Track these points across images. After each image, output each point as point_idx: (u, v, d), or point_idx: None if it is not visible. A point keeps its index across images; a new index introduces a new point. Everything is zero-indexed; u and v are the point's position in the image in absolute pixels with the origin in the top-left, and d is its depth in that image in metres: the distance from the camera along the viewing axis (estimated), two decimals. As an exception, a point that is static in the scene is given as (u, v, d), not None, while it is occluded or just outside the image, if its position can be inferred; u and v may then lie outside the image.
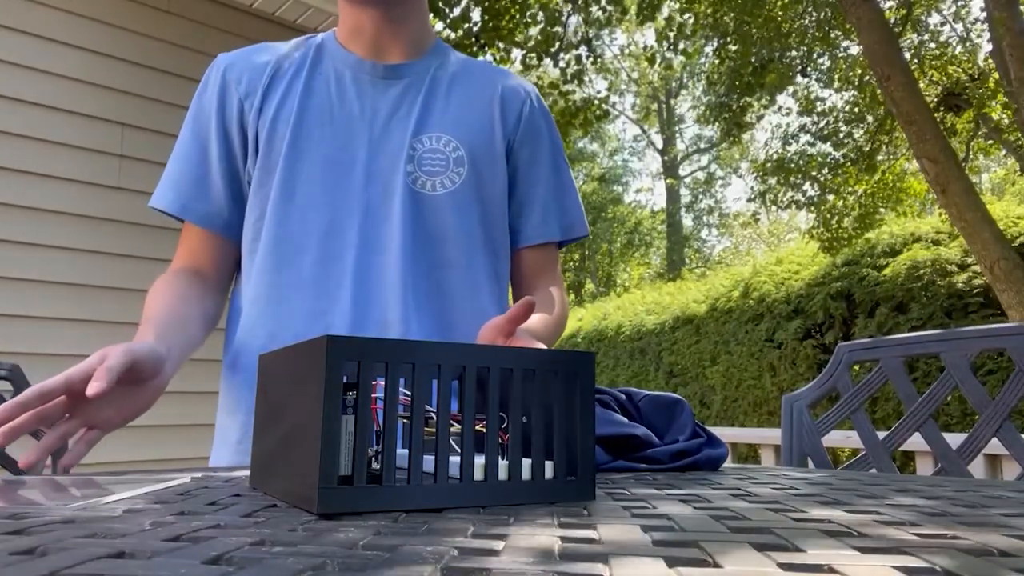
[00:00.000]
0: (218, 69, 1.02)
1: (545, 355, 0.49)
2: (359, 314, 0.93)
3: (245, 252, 0.99)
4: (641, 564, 0.28)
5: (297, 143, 0.96)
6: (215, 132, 0.99)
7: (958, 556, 0.30)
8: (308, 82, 1.00)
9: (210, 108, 1.00)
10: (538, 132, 1.09)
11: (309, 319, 0.93)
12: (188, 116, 1.02)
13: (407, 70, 1.03)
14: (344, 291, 0.93)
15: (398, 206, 0.96)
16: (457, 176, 0.99)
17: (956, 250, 6.13)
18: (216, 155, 0.99)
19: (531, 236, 1.09)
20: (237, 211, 1.00)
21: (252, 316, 0.96)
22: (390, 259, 0.95)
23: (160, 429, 2.90)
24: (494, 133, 1.04)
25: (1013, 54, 6.15)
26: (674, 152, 25.09)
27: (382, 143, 0.98)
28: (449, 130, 1.01)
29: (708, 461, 0.77)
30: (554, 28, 7.73)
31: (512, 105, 1.07)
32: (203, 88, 1.02)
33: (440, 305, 0.97)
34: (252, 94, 0.99)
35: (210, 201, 0.99)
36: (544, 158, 1.09)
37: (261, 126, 0.98)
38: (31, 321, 2.69)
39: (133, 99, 3.02)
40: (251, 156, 0.99)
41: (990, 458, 2.61)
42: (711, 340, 7.92)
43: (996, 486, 0.60)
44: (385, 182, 0.97)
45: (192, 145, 1.00)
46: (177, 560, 0.29)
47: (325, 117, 0.98)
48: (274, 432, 0.52)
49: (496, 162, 1.04)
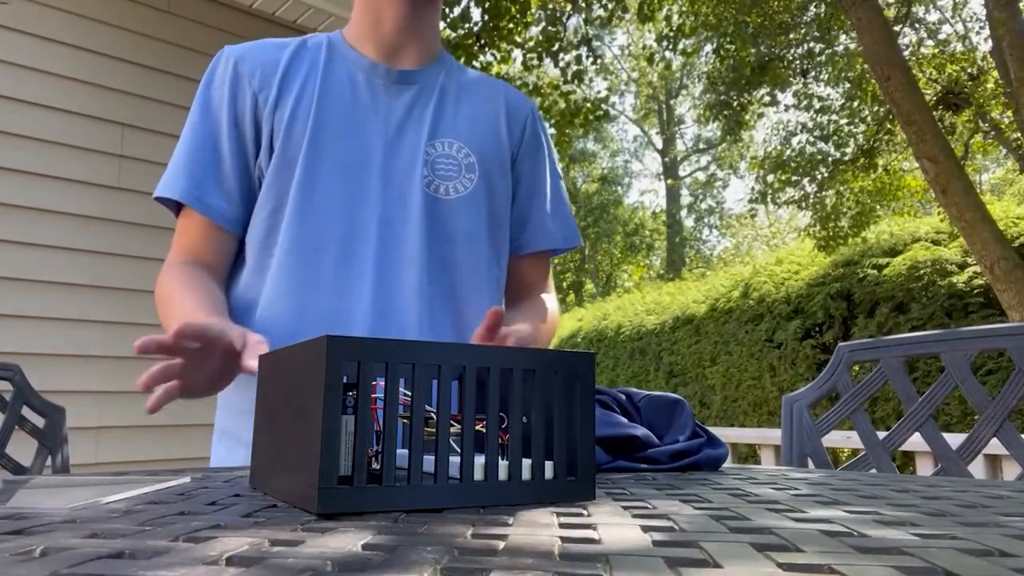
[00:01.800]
0: (228, 60, 1.01)
1: (545, 355, 0.49)
2: (379, 314, 0.94)
3: (256, 248, 0.98)
4: (641, 564, 0.28)
5: (316, 141, 0.97)
6: (226, 124, 0.98)
7: (958, 556, 0.30)
8: (324, 82, 1.00)
9: (221, 99, 0.99)
10: (540, 146, 1.13)
11: (330, 318, 0.94)
12: (196, 106, 1.01)
13: (418, 76, 1.05)
14: (365, 291, 0.94)
15: (415, 208, 0.98)
16: (469, 182, 1.02)
17: (956, 250, 6.13)
18: (227, 148, 0.98)
19: (531, 244, 1.13)
20: (244, 205, 1.00)
21: (271, 314, 0.95)
22: (409, 260, 0.96)
23: (160, 429, 2.90)
24: (501, 143, 1.08)
25: (1013, 54, 6.16)
26: (674, 152, 25.09)
27: (397, 146, 1.00)
28: (461, 137, 1.03)
29: (708, 461, 0.77)
30: (554, 28, 7.72)
31: (517, 118, 1.11)
32: (211, 78, 1.01)
33: (453, 305, 0.99)
34: (266, 88, 0.99)
35: (221, 193, 0.98)
36: (544, 171, 1.13)
37: (278, 122, 0.97)
38: (31, 321, 2.69)
39: (133, 99, 3.02)
40: (264, 151, 0.98)
41: (990, 458, 2.61)
42: (711, 340, 7.92)
43: (996, 486, 0.60)
44: (401, 184, 0.98)
45: (203, 136, 0.99)
46: (177, 560, 0.29)
47: (342, 117, 0.99)
48: (274, 432, 0.52)
49: (503, 171, 1.07)
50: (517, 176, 1.11)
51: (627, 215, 25.45)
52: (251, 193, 1.00)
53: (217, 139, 0.99)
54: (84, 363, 2.78)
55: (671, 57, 10.24)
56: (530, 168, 1.11)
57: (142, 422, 2.86)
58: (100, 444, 2.76)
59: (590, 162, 26.42)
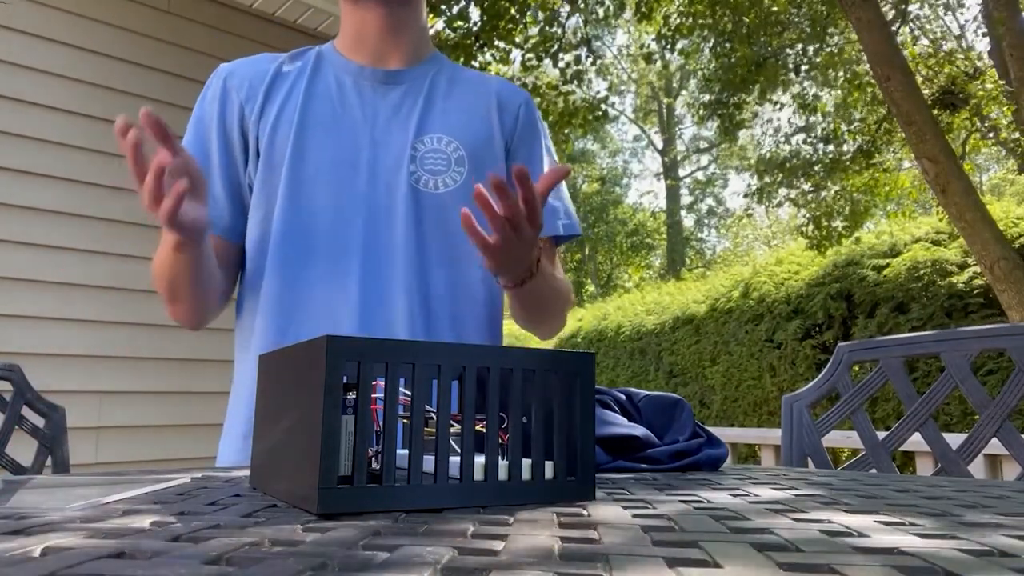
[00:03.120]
0: (219, 77, 1.05)
1: (545, 355, 0.49)
2: (367, 310, 0.95)
3: (252, 252, 1.01)
4: (641, 564, 0.28)
5: (300, 144, 0.99)
6: (216, 137, 1.02)
7: (958, 556, 0.30)
8: (309, 87, 1.03)
9: (211, 114, 1.03)
10: (535, 134, 1.13)
11: (319, 317, 0.95)
12: (189, 124, 1.05)
13: (406, 76, 1.06)
14: (352, 288, 0.95)
15: (401, 204, 0.99)
16: (458, 175, 1.02)
17: (956, 250, 6.12)
18: (217, 160, 1.02)
19: None
20: (238, 214, 1.03)
21: (266, 316, 0.97)
22: (395, 256, 0.97)
23: (160, 429, 2.90)
24: (493, 135, 1.08)
25: (1013, 54, 6.16)
26: (674, 152, 25.09)
27: (384, 143, 1.01)
28: (450, 131, 1.04)
29: (708, 461, 0.77)
30: (553, 28, 7.71)
31: (509, 108, 1.11)
32: (203, 96, 1.05)
33: (442, 300, 1.00)
34: (253, 99, 1.02)
35: (212, 204, 1.00)
36: (540, 159, 1.13)
37: (262, 129, 1.01)
38: (30, 321, 2.69)
39: (133, 99, 3.02)
40: (252, 160, 1.02)
41: (990, 458, 2.61)
42: (711, 340, 7.92)
43: (996, 486, 0.60)
44: (388, 181, 1.00)
45: (193, 151, 1.02)
46: (177, 560, 0.29)
47: (327, 120, 1.01)
48: (274, 432, 0.52)
49: (495, 162, 1.07)
50: (513, 165, 1.10)
51: (627, 215, 25.45)
52: (244, 202, 1.03)
53: (207, 151, 1.02)
54: (84, 363, 2.77)
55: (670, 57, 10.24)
56: (526, 156, 1.11)
57: (142, 422, 2.86)
58: (100, 444, 2.76)
59: (590, 162, 26.41)
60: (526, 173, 0.73)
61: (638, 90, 24.93)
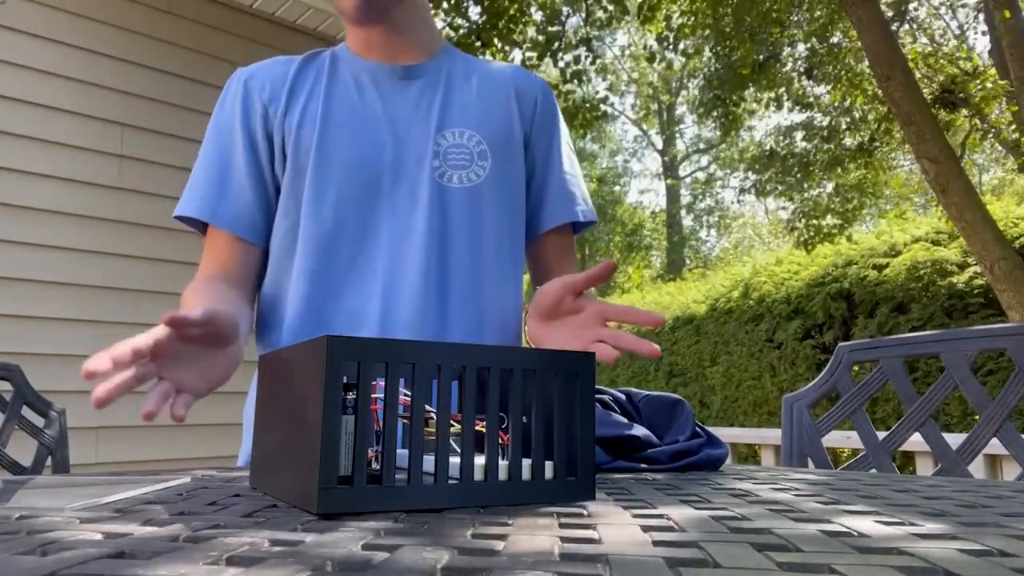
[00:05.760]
0: (239, 80, 1.05)
1: (545, 355, 0.49)
2: (390, 310, 0.95)
3: (279, 254, 1.01)
4: (641, 564, 0.28)
5: (324, 145, 0.99)
6: (240, 139, 1.01)
7: (958, 556, 0.30)
8: (329, 87, 1.03)
9: (233, 117, 1.02)
10: (553, 122, 1.13)
11: (347, 318, 0.96)
12: (209, 126, 1.04)
13: (422, 70, 1.06)
14: (376, 288, 0.96)
15: (425, 200, 0.98)
16: (481, 170, 1.02)
17: (956, 250, 6.12)
18: (242, 161, 1.01)
19: (551, 219, 1.11)
20: (264, 215, 1.02)
21: (295, 317, 0.97)
22: (419, 253, 0.97)
23: (160, 429, 2.90)
24: (513, 126, 1.07)
25: (1013, 54, 6.15)
26: (674, 152, 25.08)
27: (406, 140, 1.01)
28: (471, 124, 1.04)
29: (708, 461, 0.77)
30: (553, 28, 7.71)
31: (527, 98, 1.10)
32: (223, 99, 1.05)
33: (469, 295, 1.00)
34: (276, 100, 1.02)
35: (235, 205, 1.00)
36: (559, 147, 1.13)
37: (287, 131, 1.00)
38: (30, 321, 2.69)
39: (133, 99, 3.02)
40: (279, 160, 1.01)
41: (990, 458, 2.61)
42: (711, 340, 7.92)
43: (996, 486, 0.60)
44: (412, 178, 0.99)
45: (216, 152, 1.02)
46: (177, 560, 0.29)
47: (349, 119, 1.01)
48: (274, 432, 0.52)
49: (516, 154, 1.07)
50: (532, 155, 1.10)
51: (627, 215, 25.43)
52: (270, 203, 1.02)
53: (231, 153, 1.01)
54: (84, 363, 2.77)
55: (672, 58, 10.23)
56: (545, 145, 1.11)
57: (142, 422, 2.85)
58: (100, 444, 2.76)
59: (590, 162, 26.40)
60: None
61: (639, 90, 24.92)
